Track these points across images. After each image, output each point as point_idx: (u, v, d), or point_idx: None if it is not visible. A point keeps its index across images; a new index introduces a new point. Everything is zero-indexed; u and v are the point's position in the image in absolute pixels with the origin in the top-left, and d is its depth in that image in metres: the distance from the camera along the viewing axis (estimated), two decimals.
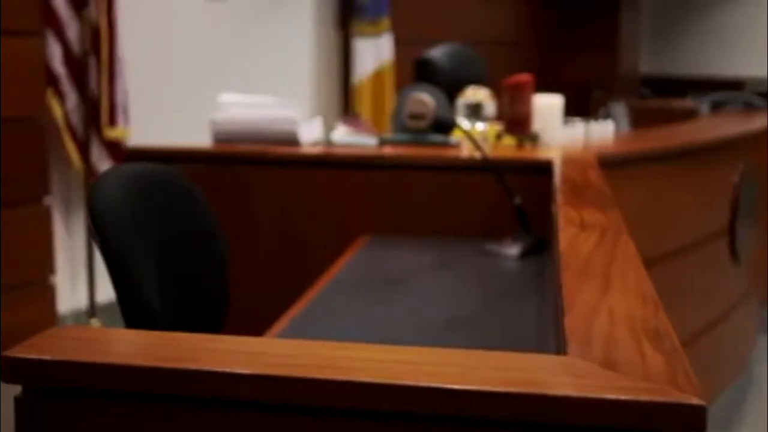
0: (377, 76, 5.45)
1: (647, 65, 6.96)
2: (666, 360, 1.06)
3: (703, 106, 4.18)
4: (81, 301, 4.22)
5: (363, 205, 2.77)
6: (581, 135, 3.06)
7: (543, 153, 2.79)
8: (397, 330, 1.91)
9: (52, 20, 3.89)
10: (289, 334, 1.88)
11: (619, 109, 3.45)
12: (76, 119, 4.01)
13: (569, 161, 2.59)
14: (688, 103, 4.32)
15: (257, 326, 1.96)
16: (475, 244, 2.57)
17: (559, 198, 2.07)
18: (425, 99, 2.81)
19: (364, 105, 5.38)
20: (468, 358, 1.07)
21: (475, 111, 2.99)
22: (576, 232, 1.72)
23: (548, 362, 1.05)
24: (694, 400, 0.94)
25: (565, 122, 3.07)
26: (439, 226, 2.73)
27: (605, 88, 5.75)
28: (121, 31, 4.06)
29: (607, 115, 3.31)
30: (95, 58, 4.00)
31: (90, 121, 4.03)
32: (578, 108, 3.86)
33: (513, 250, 2.49)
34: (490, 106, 3.04)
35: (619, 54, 6.47)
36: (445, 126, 2.50)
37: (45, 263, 3.84)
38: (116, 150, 4.03)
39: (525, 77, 2.91)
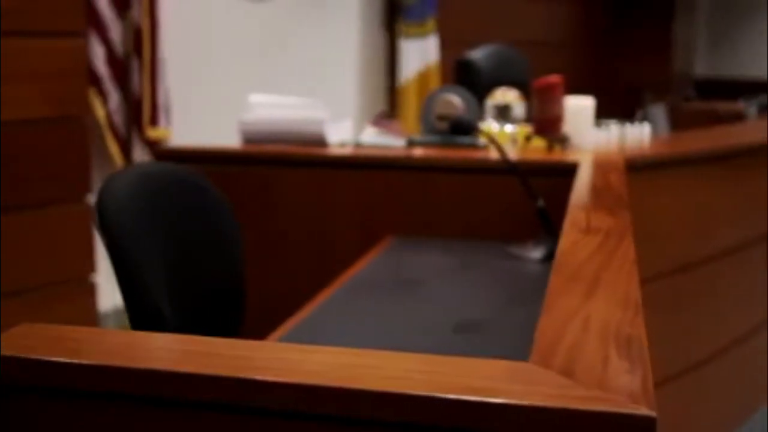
0: (422, 77, 5.44)
1: (702, 67, 6.84)
2: (628, 369, 1.03)
3: (751, 108, 4.10)
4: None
5: (388, 206, 2.76)
6: (614, 137, 3.01)
7: (570, 155, 2.75)
8: (402, 332, 1.90)
9: (95, 21, 3.94)
10: (294, 335, 1.88)
11: (659, 111, 3.39)
12: (118, 119, 4.06)
13: (593, 164, 2.55)
14: (734, 105, 4.24)
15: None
16: (498, 246, 2.54)
17: (572, 201, 2.03)
18: (453, 100, 2.79)
19: (409, 106, 5.37)
20: (424, 363, 1.05)
21: (503, 112, 2.96)
22: (578, 236, 1.69)
23: (504, 369, 1.03)
24: (644, 411, 0.92)
25: (599, 125, 3.02)
26: (464, 227, 2.71)
27: (659, 90, 5.67)
28: (164, 32, 4.10)
29: (644, 118, 3.25)
30: (137, 58, 4.04)
31: (132, 121, 4.08)
32: (629, 110, 3.81)
33: (536, 253, 2.46)
34: (519, 108, 3.01)
35: (673, 56, 6.37)
36: (464, 128, 2.48)
37: (86, 261, 3.88)
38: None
39: (555, 78, 2.87)
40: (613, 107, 3.51)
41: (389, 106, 5.60)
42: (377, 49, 5.63)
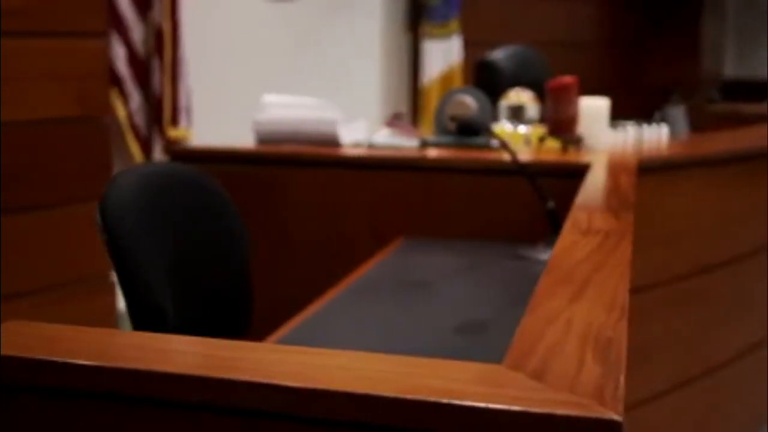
0: (446, 78, 5.42)
1: (732, 68, 6.77)
2: (602, 372, 1.02)
3: None
4: None
5: (400, 206, 2.76)
6: (630, 139, 2.99)
7: (583, 157, 2.73)
8: (404, 333, 1.89)
9: (116, 22, 3.97)
10: (295, 335, 1.87)
11: (677, 112, 3.35)
12: (139, 119, 4.08)
13: (604, 165, 2.53)
14: (759, 107, 4.19)
15: None
16: (508, 248, 2.53)
17: (576, 202, 2.02)
18: (466, 101, 2.78)
19: (431, 107, 5.35)
20: (398, 365, 1.04)
21: (517, 113, 2.94)
22: (576, 238, 1.68)
23: (475, 371, 1.02)
24: (610, 415, 0.90)
25: (615, 126, 3.00)
26: (475, 229, 2.70)
27: (687, 91, 5.62)
28: (185, 33, 4.12)
29: (662, 119, 3.22)
30: (158, 59, 4.06)
31: (153, 121, 4.10)
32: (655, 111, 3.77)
33: (545, 254, 2.44)
34: (533, 109, 2.99)
35: (702, 57, 6.31)
36: (472, 128, 2.47)
37: (106, 260, 3.89)
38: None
39: (569, 79, 2.86)
40: (641, 108, 3.47)
41: (412, 107, 5.59)
42: (400, 49, 5.62)
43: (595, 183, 2.30)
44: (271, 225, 2.84)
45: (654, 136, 3.06)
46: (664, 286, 2.79)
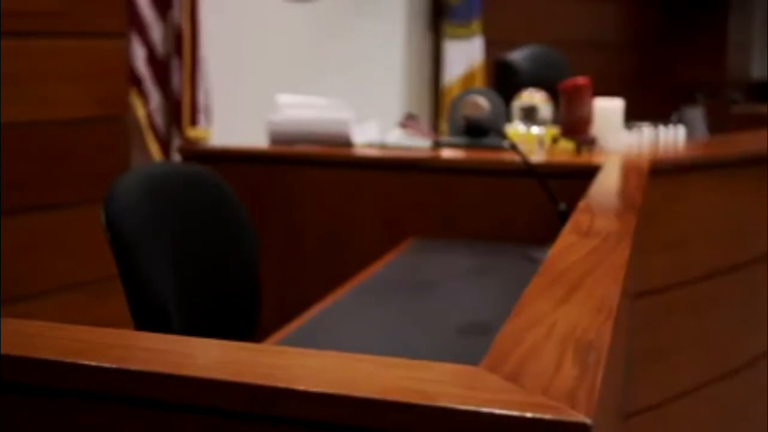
0: (467, 78, 5.42)
1: (759, 70, 6.70)
2: (578, 375, 1.01)
3: None
4: None
5: (412, 207, 2.76)
6: (646, 140, 2.97)
7: (596, 158, 2.71)
8: (405, 334, 1.89)
9: (136, 22, 3.99)
10: (297, 335, 1.88)
11: (695, 113, 3.33)
12: (158, 119, 4.10)
13: (615, 167, 2.52)
14: None
15: None
16: (520, 249, 2.52)
17: (580, 204, 2.01)
18: (479, 102, 2.77)
19: None
20: (371, 365, 1.04)
21: (529, 114, 2.93)
22: (575, 240, 1.67)
23: (450, 372, 1.02)
24: (581, 418, 0.90)
25: (630, 127, 2.98)
26: (488, 230, 2.69)
27: (713, 92, 5.58)
28: (204, 33, 4.14)
29: (679, 120, 3.20)
30: (178, 59, 4.08)
31: (172, 121, 4.12)
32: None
33: None
34: (545, 110, 2.98)
35: (728, 58, 6.26)
36: (481, 129, 2.46)
37: None
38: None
39: (582, 80, 2.84)
40: (665, 109, 3.45)
41: (433, 108, 5.59)
42: (422, 50, 5.62)
43: (602, 185, 2.29)
44: (283, 225, 2.84)
45: (670, 138, 3.04)
46: (677, 289, 2.77)
